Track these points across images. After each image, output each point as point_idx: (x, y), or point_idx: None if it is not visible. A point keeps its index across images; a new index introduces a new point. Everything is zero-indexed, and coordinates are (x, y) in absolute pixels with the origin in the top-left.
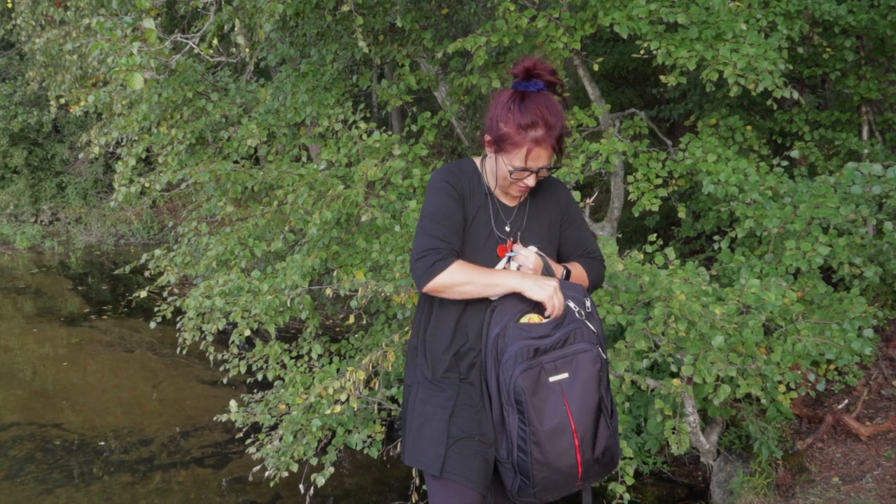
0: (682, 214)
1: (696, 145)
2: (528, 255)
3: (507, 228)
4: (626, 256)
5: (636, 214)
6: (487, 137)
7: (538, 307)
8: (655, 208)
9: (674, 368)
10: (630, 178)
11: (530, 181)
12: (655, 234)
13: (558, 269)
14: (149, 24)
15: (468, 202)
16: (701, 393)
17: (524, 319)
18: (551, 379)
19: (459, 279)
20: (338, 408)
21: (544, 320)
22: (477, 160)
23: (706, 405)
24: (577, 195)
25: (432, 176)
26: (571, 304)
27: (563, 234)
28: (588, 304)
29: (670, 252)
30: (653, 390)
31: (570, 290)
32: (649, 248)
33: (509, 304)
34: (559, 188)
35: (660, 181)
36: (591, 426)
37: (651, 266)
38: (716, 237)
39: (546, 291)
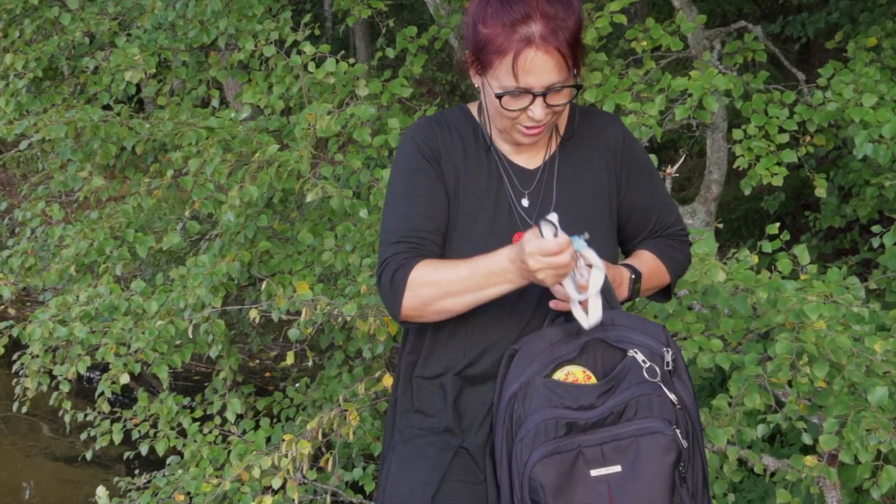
0: (821, 192)
1: (845, 80)
2: (588, 253)
3: (526, 203)
4: (729, 259)
5: (747, 192)
6: (468, 55)
7: (582, 356)
8: (778, 182)
9: (807, 439)
10: (737, 134)
11: (536, 111)
12: (778, 224)
13: (620, 273)
14: None
15: (451, 167)
16: (852, 479)
17: (559, 374)
18: (594, 473)
19: (430, 294)
20: (268, 500)
21: (591, 378)
22: (473, 106)
23: (860, 499)
24: (652, 160)
25: (402, 137)
26: (639, 357)
27: (624, 202)
28: (669, 356)
29: (802, 253)
30: (773, 474)
31: (634, 332)
32: (768, 247)
33: (536, 348)
34: (610, 126)
35: (785, 138)
36: None
37: (771, 275)
38: (875, 228)
39: (535, 278)
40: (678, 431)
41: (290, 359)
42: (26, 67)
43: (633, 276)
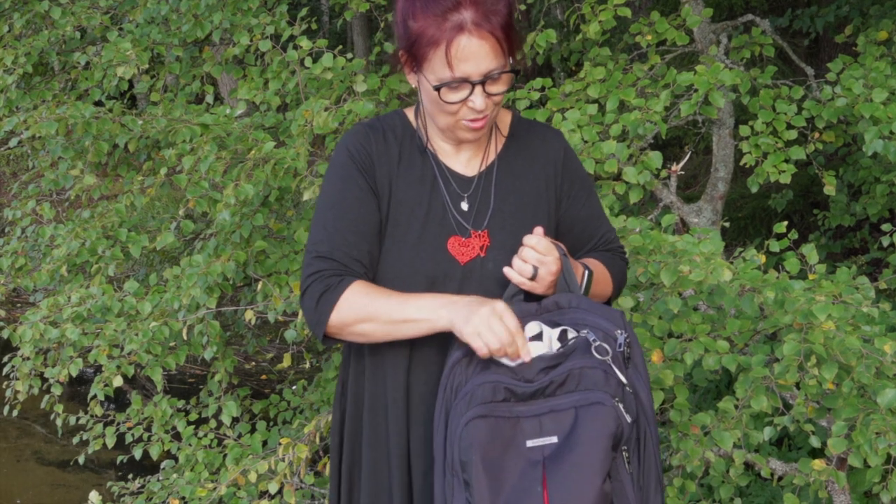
0: (829, 190)
1: (855, 75)
2: (543, 248)
3: (465, 207)
4: (736, 259)
5: (754, 190)
6: (402, 54)
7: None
8: (786, 180)
9: (815, 443)
10: (744, 130)
11: (477, 101)
12: (786, 223)
13: (577, 269)
14: None
15: (384, 175)
16: (861, 483)
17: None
18: (529, 443)
19: (353, 315)
20: None
21: (541, 351)
22: (410, 111)
23: (869, 503)
24: (657, 157)
25: (337, 144)
26: (591, 336)
27: (567, 214)
28: (622, 339)
29: (811, 252)
30: (781, 479)
31: (590, 314)
32: (775, 246)
33: None
34: (550, 138)
35: (794, 135)
36: None
37: (779, 274)
38: (885, 227)
39: (471, 325)
40: (621, 406)
41: (286, 361)
42: (16, 63)
43: (587, 272)
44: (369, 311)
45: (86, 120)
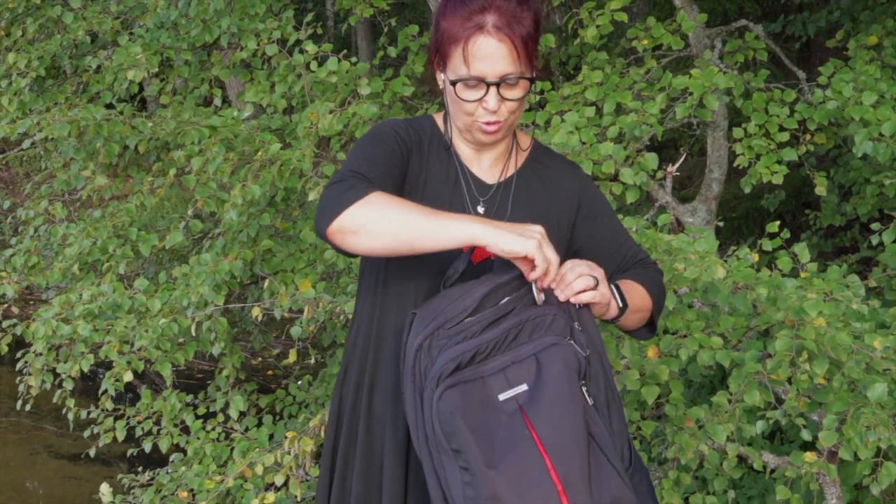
0: (821, 190)
1: (846, 79)
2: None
3: (481, 210)
4: (730, 257)
5: (747, 190)
6: (432, 52)
7: (483, 304)
8: (779, 181)
9: (807, 436)
10: (738, 133)
11: (490, 102)
12: (778, 222)
13: (612, 306)
14: None
15: (416, 164)
16: (851, 475)
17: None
18: (501, 397)
19: (377, 213)
20: (271, 497)
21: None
22: (438, 117)
23: (860, 495)
24: (653, 158)
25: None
26: (534, 287)
27: (584, 234)
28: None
29: (802, 251)
30: (773, 471)
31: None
32: (768, 245)
33: (437, 306)
34: (568, 169)
35: (786, 137)
36: (581, 461)
37: (771, 273)
38: (875, 226)
39: (528, 242)
40: (573, 343)
41: (292, 356)
42: (29, 66)
43: (619, 297)
44: (397, 205)
45: (97, 122)
